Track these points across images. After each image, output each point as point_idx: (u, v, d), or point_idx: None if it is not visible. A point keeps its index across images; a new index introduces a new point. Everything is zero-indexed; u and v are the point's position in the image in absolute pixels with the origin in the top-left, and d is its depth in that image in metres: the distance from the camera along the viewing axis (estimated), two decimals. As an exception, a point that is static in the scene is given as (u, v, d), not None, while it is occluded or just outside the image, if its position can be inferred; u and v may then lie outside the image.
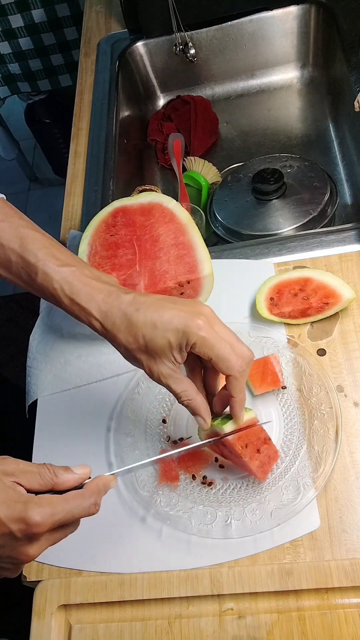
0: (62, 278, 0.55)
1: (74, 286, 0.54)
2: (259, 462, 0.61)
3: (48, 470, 0.50)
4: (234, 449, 0.59)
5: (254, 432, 0.61)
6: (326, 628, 0.57)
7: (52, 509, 0.47)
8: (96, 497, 0.50)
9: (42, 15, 1.58)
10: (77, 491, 0.50)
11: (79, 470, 0.51)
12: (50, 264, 0.55)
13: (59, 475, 0.50)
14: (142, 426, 0.70)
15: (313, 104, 1.17)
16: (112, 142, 1.04)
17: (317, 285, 0.75)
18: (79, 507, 0.49)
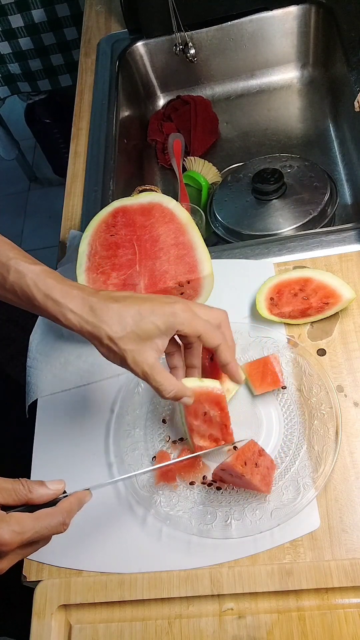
0: (36, 275, 0.55)
1: (48, 283, 0.55)
2: (260, 476, 0.61)
3: (22, 486, 0.50)
4: (234, 470, 0.60)
5: (248, 447, 0.62)
6: (326, 628, 0.57)
7: (20, 527, 0.48)
8: (66, 516, 0.51)
9: (42, 15, 1.58)
10: (48, 510, 0.51)
11: (54, 485, 0.52)
12: (22, 262, 0.56)
13: (33, 490, 0.51)
14: (142, 426, 0.70)
15: (313, 104, 1.17)
16: (112, 142, 1.04)
17: (317, 285, 0.75)
18: (48, 526, 0.50)
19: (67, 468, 0.71)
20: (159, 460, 0.67)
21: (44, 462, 0.73)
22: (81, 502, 0.54)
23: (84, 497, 0.54)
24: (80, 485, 0.56)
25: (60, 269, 0.87)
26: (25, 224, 2.31)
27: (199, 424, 0.64)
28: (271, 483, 0.63)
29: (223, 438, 0.64)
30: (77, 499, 0.53)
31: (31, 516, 0.49)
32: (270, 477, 0.63)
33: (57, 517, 0.51)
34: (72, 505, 0.53)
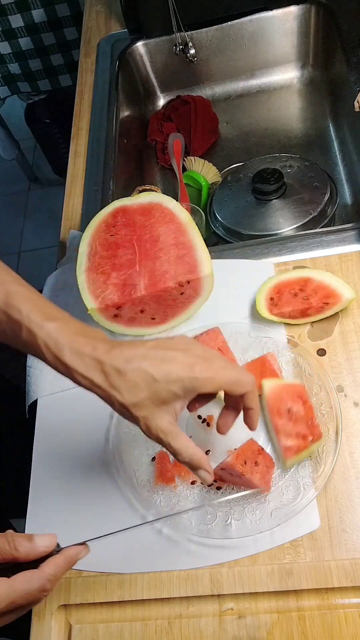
0: (47, 334, 0.51)
1: (59, 342, 0.51)
2: (259, 474, 0.62)
3: (8, 543, 0.47)
4: (234, 469, 0.60)
5: (248, 446, 0.62)
6: (326, 628, 0.57)
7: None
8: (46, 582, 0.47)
9: (42, 15, 1.58)
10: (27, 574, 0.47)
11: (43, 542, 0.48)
12: (34, 319, 0.52)
13: (19, 548, 0.47)
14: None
15: (313, 104, 1.17)
16: (112, 142, 1.04)
17: (317, 285, 0.75)
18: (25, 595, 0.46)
19: (67, 468, 0.71)
20: (159, 460, 0.67)
21: (44, 462, 0.73)
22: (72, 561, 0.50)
23: (76, 554, 0.50)
24: (80, 486, 0.55)
25: (60, 269, 0.87)
26: (25, 224, 2.31)
27: (285, 423, 0.64)
28: (270, 481, 0.63)
29: (311, 433, 0.63)
30: (66, 560, 0.49)
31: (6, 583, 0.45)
32: (269, 475, 0.63)
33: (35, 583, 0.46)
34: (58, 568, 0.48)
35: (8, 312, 0.52)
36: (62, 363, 0.51)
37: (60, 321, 0.52)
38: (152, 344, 0.52)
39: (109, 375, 0.50)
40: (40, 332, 0.51)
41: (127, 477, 0.68)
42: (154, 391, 0.50)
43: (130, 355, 0.50)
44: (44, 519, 0.68)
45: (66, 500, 0.69)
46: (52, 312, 0.53)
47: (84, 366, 0.51)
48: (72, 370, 0.51)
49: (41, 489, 0.71)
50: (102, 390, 0.51)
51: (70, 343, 0.51)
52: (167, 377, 0.50)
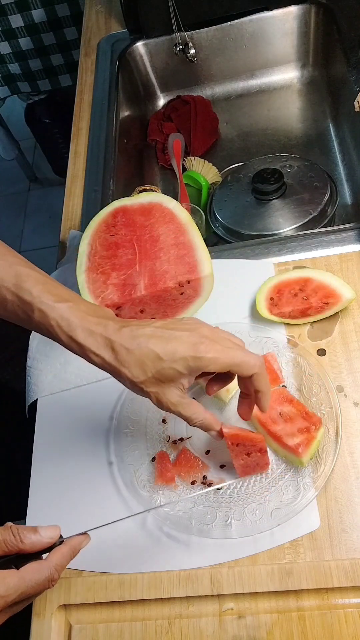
0: (59, 315, 0.53)
1: (71, 323, 0.53)
2: (244, 462, 0.62)
3: (14, 536, 0.48)
4: (226, 441, 0.60)
5: (251, 439, 0.61)
6: (326, 628, 0.57)
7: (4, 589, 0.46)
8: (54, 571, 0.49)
9: (42, 15, 1.58)
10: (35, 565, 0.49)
11: (47, 533, 0.50)
12: (46, 301, 0.54)
13: (25, 540, 0.49)
14: (142, 426, 0.70)
15: (313, 104, 1.17)
16: (112, 142, 1.04)
17: (317, 285, 0.75)
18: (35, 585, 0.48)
19: (67, 468, 0.71)
20: (158, 460, 0.67)
21: (44, 462, 0.73)
22: (76, 550, 0.52)
23: (79, 543, 0.52)
24: (81, 485, 0.56)
25: (60, 269, 0.87)
26: (25, 224, 2.31)
27: (282, 427, 0.65)
28: (250, 474, 0.63)
29: (311, 423, 0.64)
30: (70, 549, 0.51)
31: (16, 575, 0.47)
32: (253, 471, 0.63)
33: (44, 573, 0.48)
34: (63, 558, 0.50)
35: (19, 294, 0.54)
36: (75, 342, 0.53)
37: (71, 302, 0.54)
38: (160, 323, 0.54)
39: (118, 353, 0.52)
40: (53, 313, 0.53)
41: (127, 477, 0.68)
42: (160, 369, 0.52)
43: (139, 334, 0.53)
44: (43, 519, 0.68)
45: (66, 500, 0.69)
46: (63, 294, 0.55)
47: (96, 344, 0.53)
48: (85, 348, 0.53)
49: (41, 489, 0.71)
50: (113, 367, 0.53)
51: (82, 323, 0.53)
52: (172, 355, 0.51)
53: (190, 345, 0.52)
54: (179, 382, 0.53)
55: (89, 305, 0.55)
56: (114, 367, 0.53)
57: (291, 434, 0.64)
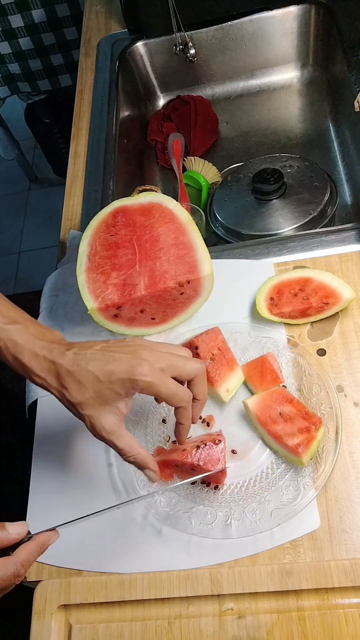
0: (7, 336, 0.55)
1: (18, 345, 0.55)
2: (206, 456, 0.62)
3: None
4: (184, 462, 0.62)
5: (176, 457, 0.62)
6: (326, 628, 0.57)
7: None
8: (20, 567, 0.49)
9: (42, 15, 1.58)
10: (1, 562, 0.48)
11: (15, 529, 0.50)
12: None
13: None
14: (142, 426, 0.70)
15: (313, 104, 1.17)
16: (112, 142, 1.04)
17: (317, 285, 0.75)
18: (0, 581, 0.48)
19: (67, 468, 0.71)
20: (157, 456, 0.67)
21: (44, 462, 0.73)
22: (43, 546, 0.52)
23: (47, 540, 0.52)
24: (81, 486, 0.56)
25: (60, 269, 0.87)
26: (25, 224, 2.31)
27: (282, 427, 0.65)
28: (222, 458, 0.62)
29: (311, 423, 0.64)
30: (37, 546, 0.51)
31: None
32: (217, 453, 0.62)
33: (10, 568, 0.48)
34: (30, 554, 0.50)
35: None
36: (20, 363, 0.55)
37: (20, 324, 0.56)
38: (102, 345, 0.56)
39: (60, 376, 0.54)
40: (2, 335, 0.55)
41: (127, 477, 0.68)
42: (98, 390, 0.53)
43: (80, 356, 0.54)
44: (43, 519, 0.68)
45: (66, 500, 0.69)
46: (14, 315, 0.57)
47: (39, 367, 0.55)
48: (29, 370, 0.55)
49: (41, 489, 0.71)
50: (55, 389, 0.55)
51: (29, 345, 0.55)
52: (109, 377, 0.53)
53: (129, 367, 0.53)
54: (115, 406, 0.54)
55: (38, 328, 0.57)
56: (55, 388, 0.55)
57: (291, 434, 0.64)
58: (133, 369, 0.52)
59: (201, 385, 0.58)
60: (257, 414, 0.66)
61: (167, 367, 0.54)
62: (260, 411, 0.66)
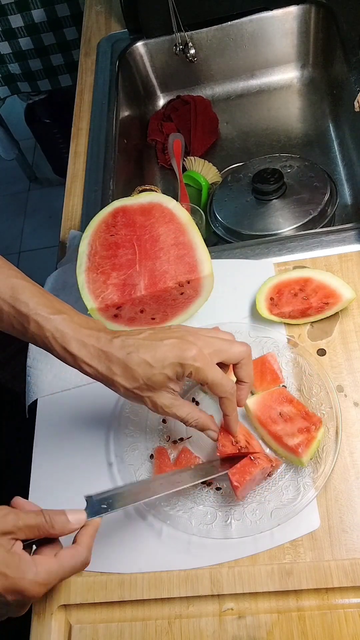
0: (54, 327, 0.56)
1: (65, 334, 0.56)
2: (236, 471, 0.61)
3: (46, 522, 0.50)
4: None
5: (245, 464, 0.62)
6: (326, 628, 0.57)
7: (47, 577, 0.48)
8: (88, 553, 0.51)
9: (42, 15, 1.58)
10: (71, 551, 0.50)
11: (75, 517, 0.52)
12: (41, 313, 0.56)
13: (56, 525, 0.50)
14: (142, 426, 0.70)
15: (313, 104, 1.17)
16: (112, 142, 1.04)
17: (317, 285, 0.75)
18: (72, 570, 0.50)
19: (68, 468, 0.71)
20: (157, 456, 0.67)
21: (44, 462, 0.73)
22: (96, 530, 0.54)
23: (98, 524, 0.54)
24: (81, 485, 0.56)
25: (60, 269, 0.87)
26: (25, 224, 2.31)
27: (282, 427, 0.65)
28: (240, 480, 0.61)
29: (311, 423, 0.64)
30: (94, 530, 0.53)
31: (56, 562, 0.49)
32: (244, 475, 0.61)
33: (80, 557, 0.51)
34: (91, 539, 0.52)
35: (16, 306, 0.56)
36: (69, 353, 0.56)
37: (65, 314, 0.57)
38: (148, 333, 0.57)
39: (111, 363, 0.55)
40: (48, 325, 0.56)
41: (127, 477, 0.68)
42: (150, 376, 0.55)
43: (128, 343, 0.55)
44: (44, 519, 0.68)
45: (66, 501, 0.69)
46: (58, 306, 0.57)
47: (89, 356, 0.55)
48: (78, 359, 0.56)
49: (41, 489, 0.71)
50: (105, 377, 0.56)
51: (76, 334, 0.56)
52: (161, 362, 0.54)
53: (179, 351, 0.54)
54: (168, 386, 0.56)
55: (82, 318, 0.58)
56: (106, 376, 0.56)
57: (291, 434, 0.64)
58: (183, 353, 0.54)
59: (248, 368, 0.59)
60: (257, 414, 0.66)
61: (214, 352, 0.56)
62: (260, 411, 0.66)
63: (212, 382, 0.55)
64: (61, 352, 0.56)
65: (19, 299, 0.56)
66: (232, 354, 0.57)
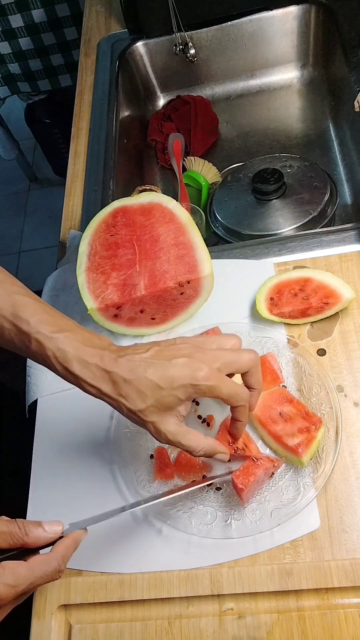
0: (55, 346, 0.53)
1: (67, 354, 0.53)
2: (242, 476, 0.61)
3: (19, 529, 0.49)
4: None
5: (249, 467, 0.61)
6: (326, 628, 0.57)
7: (15, 579, 0.47)
8: (61, 562, 0.50)
9: (42, 15, 1.58)
10: (42, 557, 0.49)
11: (51, 527, 0.51)
12: (43, 331, 0.54)
13: (30, 534, 0.49)
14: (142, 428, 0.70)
15: (313, 104, 1.17)
16: (112, 142, 1.04)
17: (317, 285, 0.75)
18: (43, 575, 0.49)
19: (68, 468, 0.71)
20: (157, 456, 0.67)
21: (44, 462, 0.73)
22: (77, 542, 0.52)
23: (79, 537, 0.53)
24: (81, 485, 0.55)
25: (60, 269, 0.87)
26: (25, 224, 2.31)
27: (282, 427, 0.65)
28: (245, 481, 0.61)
29: (311, 423, 0.64)
30: (73, 541, 0.52)
31: (25, 566, 0.48)
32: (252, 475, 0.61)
33: (52, 564, 0.49)
34: (67, 549, 0.51)
35: (17, 324, 0.54)
36: (71, 374, 0.54)
37: (67, 332, 0.54)
38: (157, 350, 0.54)
39: (116, 384, 0.53)
40: (49, 344, 0.53)
41: (127, 477, 0.68)
42: (159, 397, 0.52)
43: (136, 363, 0.53)
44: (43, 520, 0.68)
45: (66, 501, 0.69)
46: (60, 323, 0.55)
47: (92, 376, 0.53)
48: (80, 380, 0.54)
49: (41, 490, 0.71)
50: (111, 398, 0.54)
51: (78, 354, 0.53)
52: (171, 383, 0.52)
53: (190, 371, 0.52)
54: (176, 410, 0.54)
55: (86, 335, 0.55)
56: (112, 397, 0.54)
57: (291, 434, 0.64)
58: (194, 374, 0.52)
59: (257, 374, 0.58)
60: (257, 414, 0.66)
61: (223, 366, 0.54)
62: (261, 411, 0.66)
63: (227, 395, 0.54)
64: (62, 371, 0.54)
65: (20, 316, 0.54)
66: (242, 364, 0.56)
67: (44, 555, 0.50)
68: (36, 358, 0.55)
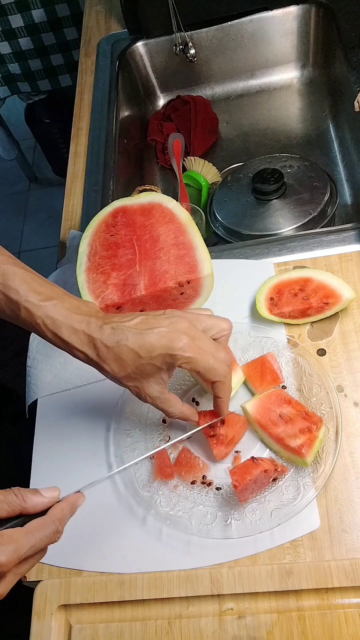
0: (44, 313, 0.55)
1: (56, 321, 0.55)
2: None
3: (16, 496, 0.50)
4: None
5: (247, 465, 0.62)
6: (326, 628, 0.57)
7: (15, 545, 0.47)
8: (58, 524, 0.51)
9: (42, 15, 1.58)
10: (39, 521, 0.50)
11: (48, 493, 0.51)
12: (32, 300, 0.56)
13: (27, 500, 0.50)
14: (142, 426, 0.70)
15: (313, 104, 1.17)
16: (112, 142, 1.04)
17: (317, 285, 0.75)
18: (42, 537, 0.49)
19: (67, 468, 0.71)
20: (157, 457, 0.67)
21: (44, 462, 0.73)
22: (74, 506, 0.53)
23: (75, 500, 0.53)
24: (80, 485, 0.56)
25: (60, 269, 0.87)
26: (25, 224, 2.31)
27: (283, 429, 0.65)
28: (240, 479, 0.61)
29: (312, 423, 0.64)
30: (68, 505, 0.52)
31: (23, 530, 0.48)
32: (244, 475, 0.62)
33: (49, 526, 0.50)
34: (63, 512, 0.52)
35: (6, 292, 0.56)
36: (60, 339, 0.56)
37: (55, 300, 0.56)
38: (142, 319, 0.56)
39: (99, 350, 0.55)
40: (38, 312, 0.56)
41: (127, 477, 0.68)
42: (139, 365, 0.55)
43: (119, 331, 0.55)
44: (44, 519, 0.68)
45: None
46: (48, 292, 0.57)
47: (79, 341, 0.55)
48: (69, 345, 0.56)
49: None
50: (95, 363, 0.56)
51: (66, 320, 0.56)
52: (150, 352, 0.54)
53: (168, 342, 0.54)
54: (158, 377, 0.56)
55: (73, 302, 0.57)
56: (96, 362, 0.56)
57: (293, 435, 0.64)
58: (172, 344, 0.53)
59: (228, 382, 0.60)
60: (257, 417, 0.66)
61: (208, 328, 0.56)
62: (260, 414, 0.66)
63: (204, 369, 0.55)
64: (52, 338, 0.56)
65: (9, 285, 0.56)
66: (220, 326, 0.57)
67: (41, 518, 0.50)
68: (26, 325, 0.57)
